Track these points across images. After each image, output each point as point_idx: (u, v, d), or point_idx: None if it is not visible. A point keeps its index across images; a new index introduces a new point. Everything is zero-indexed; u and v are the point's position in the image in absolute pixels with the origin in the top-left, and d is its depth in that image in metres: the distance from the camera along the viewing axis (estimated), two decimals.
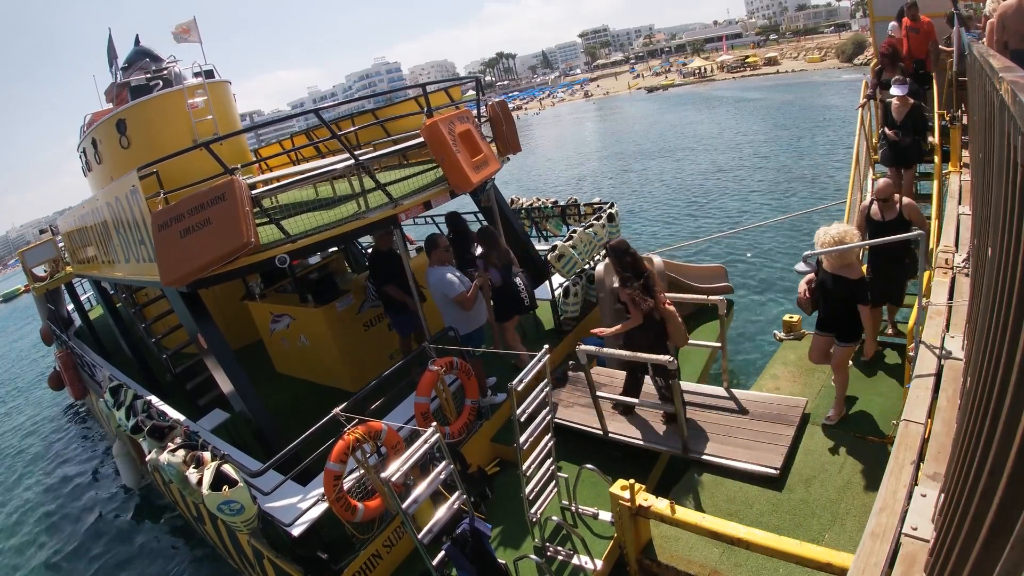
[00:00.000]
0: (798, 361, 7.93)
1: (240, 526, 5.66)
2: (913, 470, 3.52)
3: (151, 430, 6.81)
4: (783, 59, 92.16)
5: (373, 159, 7.77)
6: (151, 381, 10.89)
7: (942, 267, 5.61)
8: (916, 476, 3.49)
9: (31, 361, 31.14)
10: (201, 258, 6.21)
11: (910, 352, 4.94)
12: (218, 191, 6.18)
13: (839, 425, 6.52)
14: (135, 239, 7.68)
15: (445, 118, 7.89)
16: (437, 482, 4.69)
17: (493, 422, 7.90)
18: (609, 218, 10.04)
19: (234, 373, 7.17)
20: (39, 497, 14.47)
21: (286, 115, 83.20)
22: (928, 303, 5.03)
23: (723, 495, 6.05)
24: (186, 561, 9.99)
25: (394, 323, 9.10)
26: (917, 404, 4.01)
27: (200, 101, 10.43)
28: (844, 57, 77.40)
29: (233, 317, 11.55)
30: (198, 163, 7.45)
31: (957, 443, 3.06)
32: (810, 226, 17.80)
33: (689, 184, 28.56)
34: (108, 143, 11.49)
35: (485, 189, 9.18)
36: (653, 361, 6.41)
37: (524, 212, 13.19)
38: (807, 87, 61.50)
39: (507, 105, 9.76)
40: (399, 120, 10.93)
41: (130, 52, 12.75)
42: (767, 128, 40.09)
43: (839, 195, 14.14)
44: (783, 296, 14.00)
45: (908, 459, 3.63)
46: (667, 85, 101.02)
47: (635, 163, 38.39)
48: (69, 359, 14.77)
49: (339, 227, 7.04)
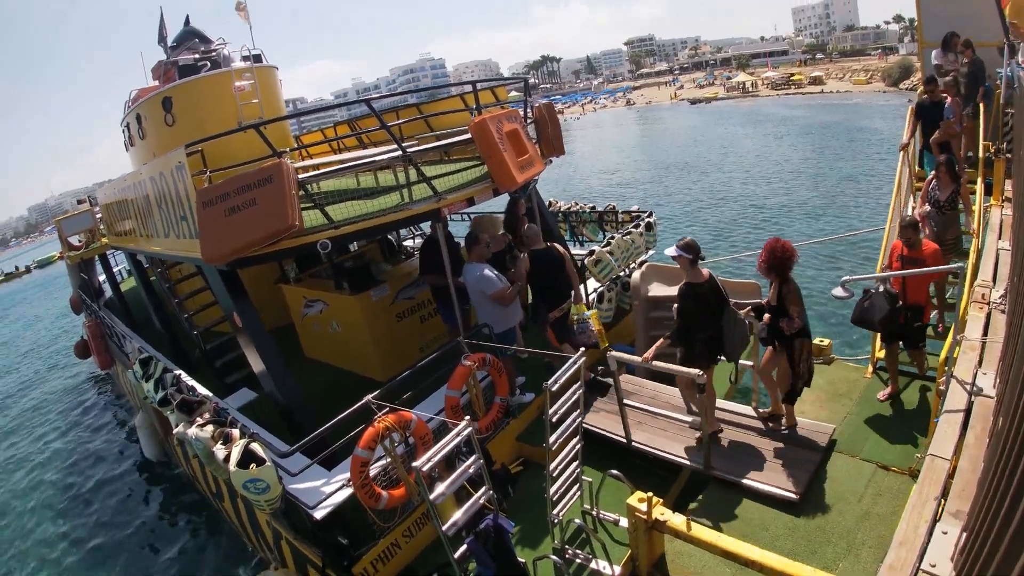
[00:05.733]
0: (826, 386, 7.80)
1: (263, 505, 5.70)
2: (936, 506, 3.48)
3: (180, 404, 6.87)
4: (828, 79, 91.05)
5: (419, 152, 7.80)
6: (180, 356, 11.00)
7: (978, 302, 5.52)
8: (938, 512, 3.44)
9: (59, 329, 31.68)
10: (244, 237, 6.29)
11: (940, 386, 4.87)
12: (266, 173, 6.25)
13: (863, 454, 6.43)
14: (177, 215, 7.79)
15: (494, 116, 7.90)
16: (466, 475, 4.67)
17: (520, 421, 7.90)
18: (647, 227, 10.01)
19: (267, 353, 7.24)
20: (59, 460, 14.81)
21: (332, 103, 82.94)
22: (962, 337, 4.95)
23: (740, 515, 5.99)
24: (198, 535, 10.18)
25: (442, 313, 9.13)
26: (945, 439, 3.97)
27: (247, 84, 10.54)
28: (890, 81, 76.03)
29: (266, 299, 11.65)
30: (242, 145, 7.53)
31: (984, 483, 3.01)
32: (847, 250, 17.64)
33: (727, 199, 28.40)
34: (153, 119, 11.65)
35: (527, 190, 9.20)
36: (683, 374, 6.39)
37: (562, 216, 13.19)
38: (851, 109, 60.74)
39: (553, 108, 9.77)
40: (443, 116, 10.98)
41: (180, 32, 12.91)
42: (808, 148, 39.69)
43: (880, 221, 13.95)
44: (816, 319, 13.84)
45: (932, 494, 3.58)
46: (710, 98, 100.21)
47: (674, 174, 38.20)
48: (97, 329, 15.00)
49: (382, 217, 7.09)
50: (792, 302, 6.20)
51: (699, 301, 6.48)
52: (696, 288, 6.50)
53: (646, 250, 10.66)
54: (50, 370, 24.05)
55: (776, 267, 6.23)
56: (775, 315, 6.39)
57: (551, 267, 8.16)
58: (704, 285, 6.49)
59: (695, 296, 6.50)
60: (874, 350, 7.99)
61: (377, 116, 7.57)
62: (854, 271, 15.28)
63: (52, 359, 25.77)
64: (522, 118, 8.94)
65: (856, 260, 16.90)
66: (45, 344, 29.88)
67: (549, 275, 8.09)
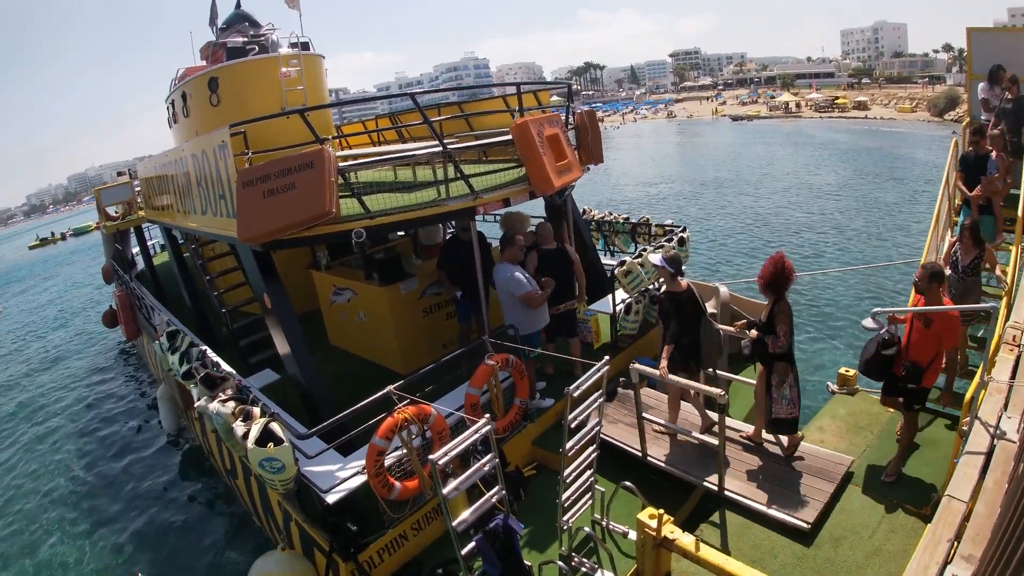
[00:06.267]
0: (847, 416, 7.70)
1: (277, 485, 5.75)
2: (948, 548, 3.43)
3: (204, 378, 6.96)
4: (873, 104, 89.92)
5: (459, 149, 7.84)
6: (206, 333, 11.14)
7: (1009, 344, 5.43)
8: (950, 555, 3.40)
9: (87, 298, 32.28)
10: (281, 220, 6.37)
11: (963, 426, 4.80)
12: (307, 158, 6.33)
13: (879, 489, 6.34)
14: (216, 193, 7.90)
15: (536, 120, 7.92)
16: (480, 473, 4.69)
17: (537, 425, 7.88)
18: (680, 242, 9.94)
19: (294, 336, 7.32)
20: (78, 422, 15.15)
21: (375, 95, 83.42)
22: (990, 379, 4.87)
23: (750, 539, 5.93)
24: (206, 509, 10.30)
25: (456, 308, 9.19)
26: (963, 481, 3.91)
27: (293, 71, 10.64)
28: (935, 111, 74.72)
29: (296, 283, 11.76)
30: (284, 129, 7.62)
31: (999, 529, 2.97)
32: (881, 280, 17.43)
33: (763, 219, 28.15)
34: (198, 98, 11.81)
35: (563, 195, 9.20)
36: (705, 392, 6.38)
37: (595, 224, 13.15)
38: (894, 136, 59.96)
39: (595, 115, 9.74)
40: (484, 116, 11.03)
41: (230, 14, 13.08)
42: (849, 174, 39.18)
43: (916, 252, 13.78)
44: (843, 347, 13.70)
45: (945, 536, 3.54)
46: (752, 116, 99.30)
47: (711, 191, 37.94)
48: (127, 299, 15.25)
49: (418, 211, 7.15)
50: (780, 321, 6.35)
51: (676, 308, 7.02)
52: (675, 296, 7.07)
53: None
54: (77, 335, 24.47)
55: (773, 285, 6.40)
56: (762, 332, 6.50)
57: (558, 267, 8.45)
58: (683, 294, 7.05)
59: (673, 303, 7.05)
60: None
61: (420, 111, 7.63)
62: (887, 303, 15.13)
63: (80, 326, 26.21)
64: (563, 123, 8.95)
65: (890, 292, 16.69)
66: (69, 310, 30.53)
67: (553, 274, 8.13)
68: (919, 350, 6.19)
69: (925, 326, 6.11)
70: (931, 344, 6.10)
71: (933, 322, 6.03)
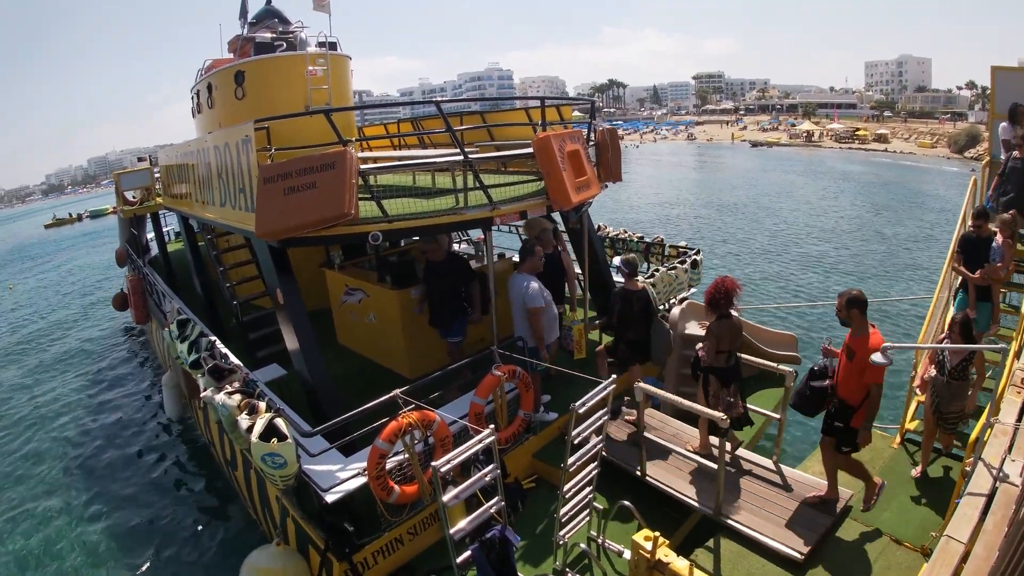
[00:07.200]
0: None
1: (277, 480, 5.78)
2: None
3: (212, 369, 7.00)
4: (893, 138, 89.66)
5: (480, 159, 7.89)
6: (215, 323, 11.19)
7: (1016, 386, 5.40)
8: None
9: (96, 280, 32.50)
10: (299, 218, 6.43)
11: (966, 467, 4.78)
12: (329, 158, 6.39)
13: (877, 524, 6.30)
14: (236, 186, 7.97)
15: (558, 135, 7.97)
16: (481, 483, 4.71)
17: (539, 438, 7.90)
18: (692, 264, 9.96)
19: (304, 333, 7.37)
20: (81, 403, 15.18)
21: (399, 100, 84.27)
22: (995, 420, 4.85)
23: (744, 567, 5.90)
24: (202, 499, 10.30)
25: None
26: (963, 522, 3.90)
27: (319, 70, 10.72)
28: (955, 148, 74.26)
29: (308, 280, 11.81)
30: (307, 128, 7.69)
31: (996, 572, 2.97)
32: (895, 315, 17.33)
33: (778, 247, 28.02)
34: (223, 91, 11.91)
35: (580, 211, 9.24)
36: (707, 416, 6.38)
37: (609, 241, 13.18)
38: (913, 171, 59.64)
39: (616, 133, 9.77)
40: (505, 128, 11.08)
41: (260, 10, 13.20)
42: (866, 206, 38.97)
43: (930, 288, 13.73)
44: None
45: None
46: (772, 142, 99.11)
47: (727, 215, 37.82)
48: (139, 284, 15.39)
49: (437, 217, 7.20)
50: (707, 337, 6.80)
51: (624, 303, 7.73)
52: (628, 293, 7.76)
53: (688, 287, 10.64)
54: (86, 317, 24.59)
55: (710, 304, 6.77)
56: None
57: (552, 271, 8.68)
58: (636, 293, 7.75)
59: (623, 298, 7.76)
60: (904, 420, 7.87)
61: (444, 118, 7.68)
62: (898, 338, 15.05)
63: (89, 308, 26.35)
64: (584, 139, 9.00)
65: (904, 327, 16.57)
66: (80, 290, 30.74)
67: (546, 277, 8.19)
68: (846, 386, 5.94)
69: (848, 359, 5.85)
70: (856, 380, 5.80)
71: (856, 355, 5.75)
